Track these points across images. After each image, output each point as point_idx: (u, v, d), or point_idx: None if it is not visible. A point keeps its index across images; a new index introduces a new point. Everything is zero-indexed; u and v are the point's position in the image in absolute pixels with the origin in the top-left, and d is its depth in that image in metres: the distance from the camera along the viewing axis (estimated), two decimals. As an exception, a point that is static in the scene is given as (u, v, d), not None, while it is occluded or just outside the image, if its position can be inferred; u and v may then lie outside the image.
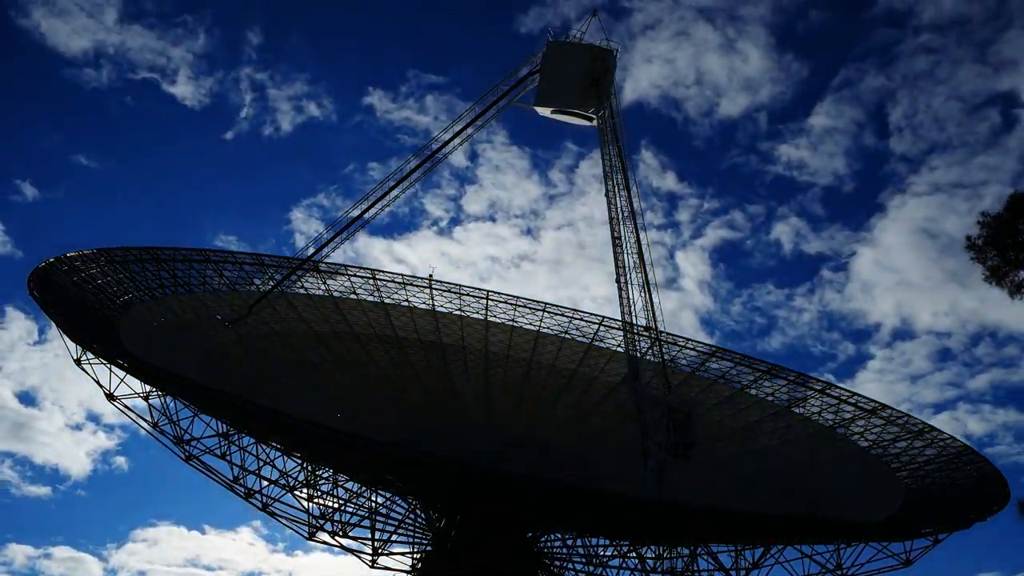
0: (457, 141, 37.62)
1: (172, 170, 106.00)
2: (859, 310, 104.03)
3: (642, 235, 35.26)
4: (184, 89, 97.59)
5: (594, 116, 36.39)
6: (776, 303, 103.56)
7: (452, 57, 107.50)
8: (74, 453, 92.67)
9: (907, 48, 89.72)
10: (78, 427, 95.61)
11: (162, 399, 29.89)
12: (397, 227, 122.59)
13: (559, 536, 37.34)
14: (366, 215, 38.22)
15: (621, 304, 34.49)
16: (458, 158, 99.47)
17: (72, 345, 29.25)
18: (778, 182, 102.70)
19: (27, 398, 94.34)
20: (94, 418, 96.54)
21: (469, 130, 37.49)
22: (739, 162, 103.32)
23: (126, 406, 29.84)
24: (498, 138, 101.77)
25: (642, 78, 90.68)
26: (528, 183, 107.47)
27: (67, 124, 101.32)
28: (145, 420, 29.94)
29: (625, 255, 34.61)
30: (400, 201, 38.55)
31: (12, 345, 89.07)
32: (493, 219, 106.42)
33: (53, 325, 29.76)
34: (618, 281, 34.45)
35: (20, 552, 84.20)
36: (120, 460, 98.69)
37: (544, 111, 37.05)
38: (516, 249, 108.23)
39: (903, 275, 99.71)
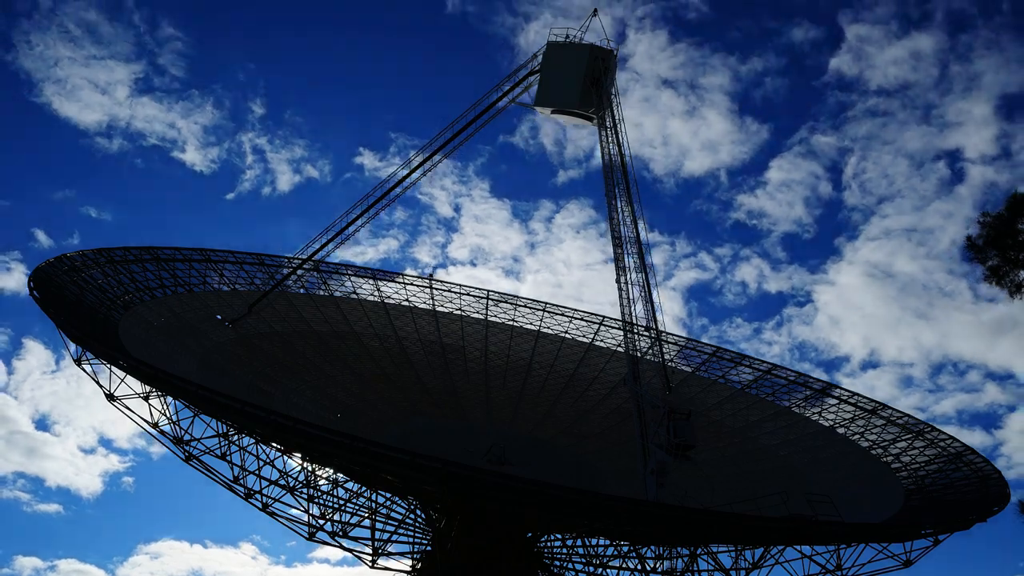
0: (461, 138, 37.61)
1: (175, 220, 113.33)
2: (827, 342, 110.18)
3: (642, 235, 35.36)
4: (193, 156, 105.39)
5: (594, 116, 36.35)
6: (746, 336, 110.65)
7: (429, 125, 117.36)
8: (85, 474, 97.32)
9: (857, 111, 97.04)
10: (90, 451, 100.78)
11: (162, 399, 29.86)
12: (386, 269, 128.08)
13: (559, 536, 37.33)
14: (370, 212, 38.29)
15: (621, 304, 34.49)
16: (444, 208, 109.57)
17: (72, 345, 29.30)
18: (740, 228, 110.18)
19: (42, 423, 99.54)
20: (106, 442, 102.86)
21: (470, 128, 37.48)
22: (702, 209, 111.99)
23: (126, 406, 29.83)
24: (478, 192, 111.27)
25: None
26: (509, 231, 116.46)
27: (79, 182, 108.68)
28: (145, 420, 29.94)
29: (626, 256, 34.63)
30: (394, 248, 38.91)
31: (29, 373, 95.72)
32: (475, 264, 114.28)
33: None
34: (618, 281, 34.45)
35: (27, 564, 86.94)
36: (128, 480, 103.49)
37: (544, 111, 37.04)
38: (498, 289, 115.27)
39: (864, 311, 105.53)
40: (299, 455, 31.54)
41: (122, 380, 29.46)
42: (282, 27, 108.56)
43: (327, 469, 32.74)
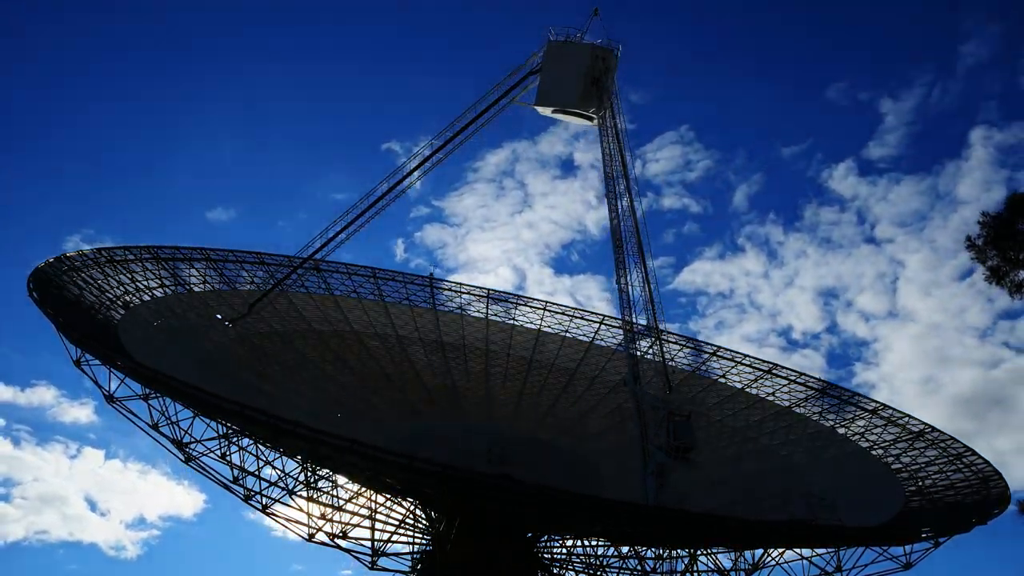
0: (462, 137, 37.44)
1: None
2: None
3: (642, 235, 35.30)
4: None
5: (595, 116, 36.25)
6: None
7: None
8: (121, 545, 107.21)
9: (701, 309, 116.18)
10: (129, 525, 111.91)
11: (161, 400, 29.75)
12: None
13: (559, 537, 37.30)
14: (370, 211, 38.19)
15: (621, 304, 34.42)
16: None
17: (71, 346, 29.18)
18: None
19: (91, 503, 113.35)
20: (142, 520, 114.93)
21: (471, 128, 37.30)
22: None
23: (126, 408, 29.73)
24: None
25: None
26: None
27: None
28: (145, 421, 29.84)
29: (626, 255, 34.55)
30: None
31: (83, 464, 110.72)
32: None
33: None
34: (618, 282, 34.40)
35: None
36: (160, 550, 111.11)
37: (545, 111, 36.91)
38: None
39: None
40: (299, 456, 31.48)
41: (122, 381, 29.31)
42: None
43: (326, 470, 32.69)
